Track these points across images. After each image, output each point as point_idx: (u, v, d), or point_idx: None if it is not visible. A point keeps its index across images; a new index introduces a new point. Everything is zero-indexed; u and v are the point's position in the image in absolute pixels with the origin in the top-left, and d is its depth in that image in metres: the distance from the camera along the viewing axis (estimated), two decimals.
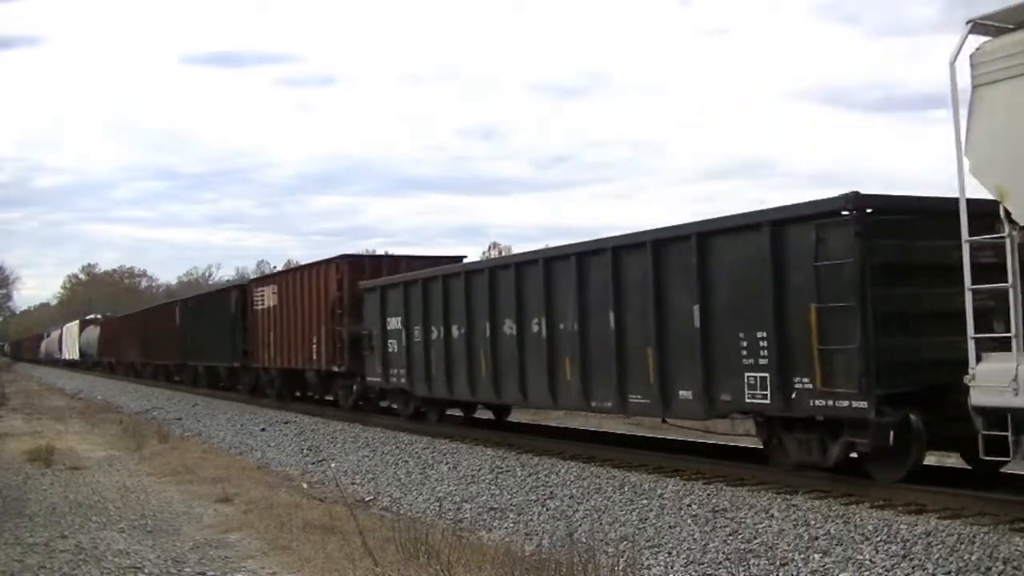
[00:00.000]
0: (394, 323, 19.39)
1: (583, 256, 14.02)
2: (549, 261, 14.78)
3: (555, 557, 7.70)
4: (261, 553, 9.40)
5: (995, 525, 8.74)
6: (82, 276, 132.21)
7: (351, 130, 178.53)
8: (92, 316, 74.28)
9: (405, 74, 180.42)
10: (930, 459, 13.34)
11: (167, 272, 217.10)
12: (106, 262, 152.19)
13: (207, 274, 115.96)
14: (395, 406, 20.94)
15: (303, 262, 33.40)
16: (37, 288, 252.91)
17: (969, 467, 12.08)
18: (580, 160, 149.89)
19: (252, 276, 61.04)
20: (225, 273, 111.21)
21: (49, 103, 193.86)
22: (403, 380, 19.20)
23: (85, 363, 68.24)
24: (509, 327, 15.60)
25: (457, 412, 19.85)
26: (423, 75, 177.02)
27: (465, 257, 22.91)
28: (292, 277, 26.08)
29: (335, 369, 22.50)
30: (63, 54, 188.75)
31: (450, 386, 17.56)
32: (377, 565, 8.11)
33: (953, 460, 13.10)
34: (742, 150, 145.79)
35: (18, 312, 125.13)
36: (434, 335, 17.99)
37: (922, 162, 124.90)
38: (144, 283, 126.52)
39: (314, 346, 23.59)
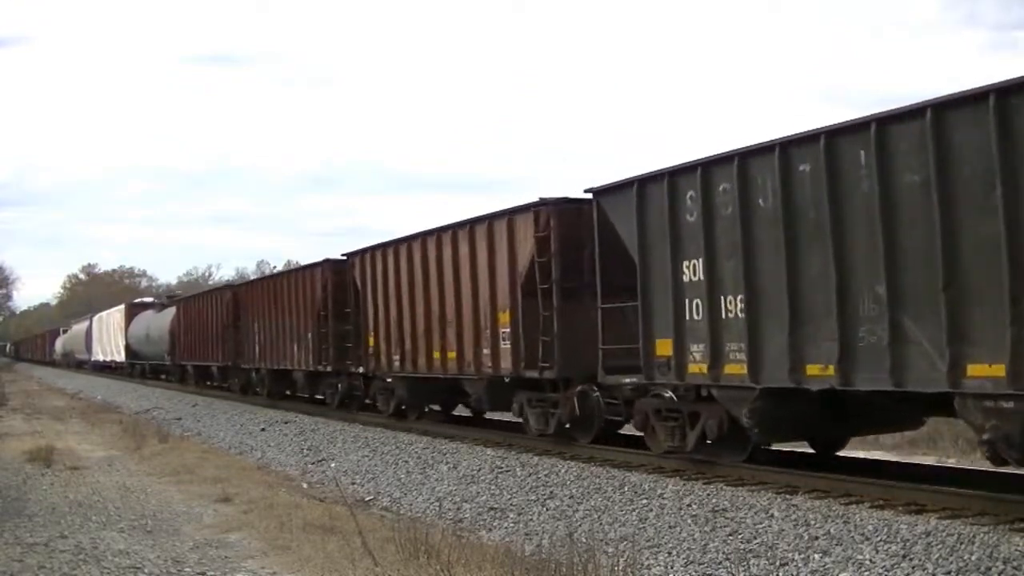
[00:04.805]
0: None
1: None
2: None
3: (555, 557, 7.71)
4: (261, 553, 9.40)
5: (995, 525, 8.75)
6: (82, 276, 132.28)
7: (350, 130, 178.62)
8: (144, 300, 53.94)
9: (405, 74, 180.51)
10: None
11: (167, 272, 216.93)
12: (106, 262, 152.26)
13: (207, 274, 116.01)
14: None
15: (302, 262, 27.77)
16: (37, 288, 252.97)
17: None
18: (580, 159, 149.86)
19: (252, 276, 57.15)
20: (225, 273, 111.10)
21: (47, 102, 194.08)
22: None
23: (136, 370, 47.78)
24: None
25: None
26: (422, 75, 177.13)
27: None
28: None
29: None
30: (62, 53, 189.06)
31: None
32: (377, 565, 8.11)
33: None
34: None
35: (18, 312, 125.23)
36: None
37: None
38: (144, 283, 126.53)
39: None
